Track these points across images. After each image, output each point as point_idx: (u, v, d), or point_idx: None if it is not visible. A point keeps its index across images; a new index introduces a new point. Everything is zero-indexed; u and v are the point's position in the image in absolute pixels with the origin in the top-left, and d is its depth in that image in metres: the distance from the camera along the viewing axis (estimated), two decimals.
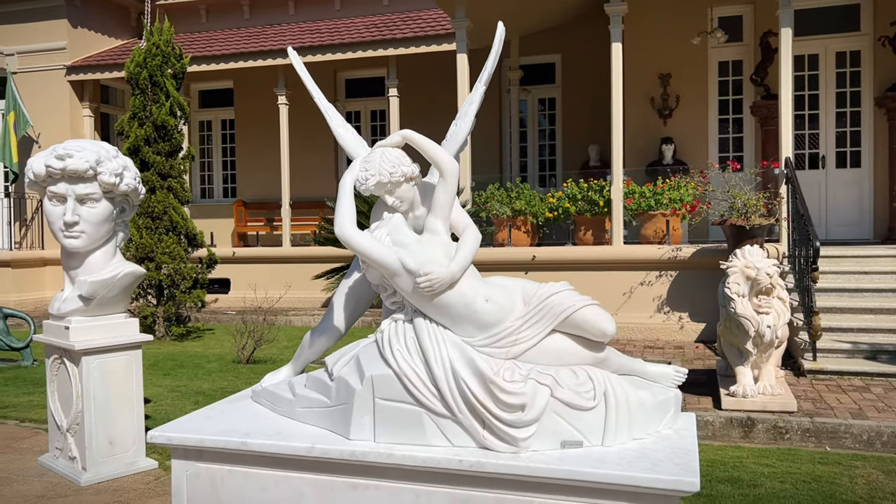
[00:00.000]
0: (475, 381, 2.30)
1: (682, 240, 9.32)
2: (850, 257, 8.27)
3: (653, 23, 10.98)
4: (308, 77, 3.03)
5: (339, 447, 2.39)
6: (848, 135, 10.59)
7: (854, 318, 7.33)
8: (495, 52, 2.71)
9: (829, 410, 5.64)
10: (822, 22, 10.61)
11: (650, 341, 8.72)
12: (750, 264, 5.65)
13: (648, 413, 2.41)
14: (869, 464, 4.81)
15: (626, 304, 9.03)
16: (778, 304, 5.69)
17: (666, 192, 9.15)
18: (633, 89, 11.28)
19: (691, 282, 8.62)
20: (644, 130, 11.24)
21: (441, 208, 2.47)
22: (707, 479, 4.46)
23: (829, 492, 4.25)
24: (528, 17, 11.27)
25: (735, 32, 10.93)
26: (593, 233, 9.56)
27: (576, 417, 2.31)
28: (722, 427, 5.54)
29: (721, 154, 11.02)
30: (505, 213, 9.68)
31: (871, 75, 10.40)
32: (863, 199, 10.49)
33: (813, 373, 6.68)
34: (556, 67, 13.69)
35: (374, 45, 12.47)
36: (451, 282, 2.36)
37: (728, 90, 11.11)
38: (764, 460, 4.88)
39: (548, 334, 2.40)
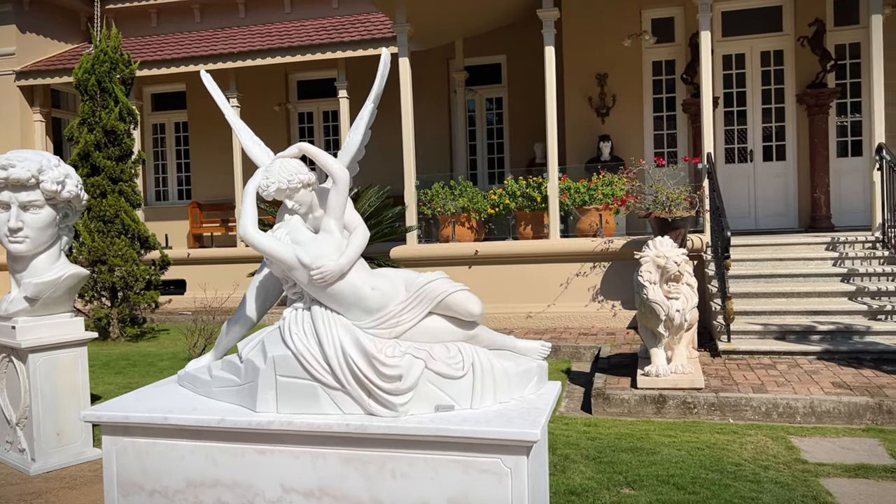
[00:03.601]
0: (361, 357, 2.69)
1: (615, 232, 9.83)
2: (770, 245, 8.84)
3: (589, 24, 11.47)
4: (220, 95, 3.38)
5: (247, 418, 2.77)
6: (773, 130, 11.20)
7: (767, 302, 7.89)
8: (381, 74, 3.09)
9: (735, 386, 6.14)
10: (747, 23, 11.20)
11: (585, 328, 9.21)
12: (660, 254, 6.10)
13: (512, 380, 2.83)
14: (761, 432, 5.32)
15: (564, 294, 9.50)
16: (686, 289, 6.17)
17: (600, 187, 9.65)
18: (572, 89, 11.77)
19: (623, 272, 9.11)
20: (583, 128, 11.73)
21: (334, 210, 2.85)
22: (612, 450, 4.92)
23: (718, 456, 4.74)
24: (470, 21, 11.69)
25: (667, 33, 11.47)
26: (533, 227, 10.02)
27: (448, 385, 2.72)
28: (637, 404, 6.01)
29: (656, 150, 11.56)
30: (449, 210, 10.09)
31: (793, 73, 11.02)
32: (788, 191, 11.11)
33: (727, 353, 7.20)
34: (502, 68, 14.15)
35: (323, 48, 12.79)
36: (341, 274, 2.75)
37: (662, 89, 11.65)
38: (669, 432, 5.36)
39: (425, 316, 2.80)
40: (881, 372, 6.33)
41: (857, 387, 5.89)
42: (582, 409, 6.28)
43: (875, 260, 8.19)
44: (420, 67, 12.16)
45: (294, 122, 15.05)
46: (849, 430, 5.33)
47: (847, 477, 4.34)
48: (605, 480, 4.33)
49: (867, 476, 4.34)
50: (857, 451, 4.82)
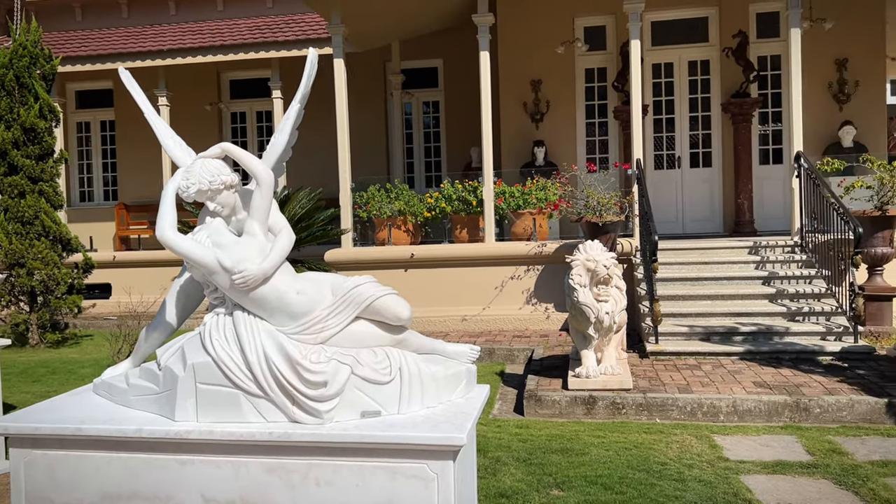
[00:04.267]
0: (284, 364, 2.64)
1: (548, 236, 9.96)
2: (696, 249, 9.10)
3: (523, 31, 11.61)
4: (139, 93, 3.27)
5: (165, 428, 2.67)
6: (700, 137, 11.57)
7: (694, 304, 8.13)
8: (308, 74, 3.04)
9: (662, 387, 6.29)
10: (675, 33, 11.54)
11: (519, 331, 9.30)
12: (590, 257, 6.20)
13: (441, 385, 2.82)
14: (687, 431, 5.47)
15: (498, 297, 9.57)
16: (615, 292, 6.29)
17: (534, 192, 9.76)
18: (507, 94, 11.89)
19: (556, 275, 9.23)
20: (519, 133, 11.86)
21: (258, 213, 2.78)
22: (543, 452, 4.97)
23: (644, 456, 4.84)
24: (406, 24, 11.68)
25: (599, 41, 11.71)
26: (468, 231, 10.07)
27: (374, 391, 2.69)
28: (568, 405, 6.09)
29: (589, 155, 11.78)
30: (385, 213, 10.04)
31: (718, 83, 11.40)
32: (713, 196, 11.49)
33: (655, 354, 7.38)
34: (439, 72, 14.19)
35: (256, 47, 12.56)
36: (264, 278, 2.68)
37: (594, 96, 11.88)
38: (598, 433, 5.45)
39: (352, 321, 2.76)
40: (799, 371, 6.59)
41: (776, 386, 6.11)
42: (515, 411, 6.32)
43: (794, 263, 8.54)
44: (356, 69, 12.08)
45: (226, 122, 14.73)
46: (768, 427, 5.52)
47: (766, 474, 4.50)
48: (535, 482, 4.37)
49: (784, 472, 4.50)
50: (775, 448, 4.99)
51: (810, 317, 7.78)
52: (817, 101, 10.88)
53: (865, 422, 5.57)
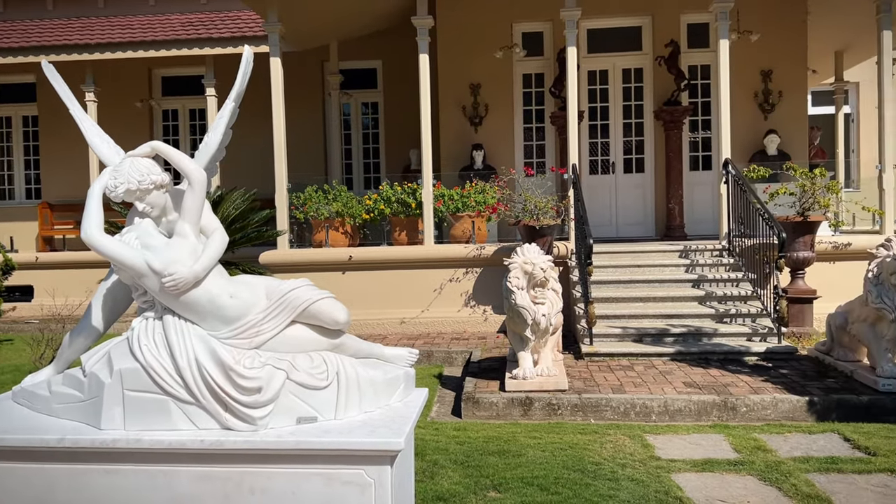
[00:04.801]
0: (217, 369, 2.57)
1: (487, 239, 10.03)
2: (629, 252, 9.31)
3: (462, 35, 11.66)
4: (64, 87, 3.14)
5: (90, 437, 2.57)
6: (633, 143, 11.85)
7: (627, 306, 8.31)
8: (243, 72, 2.98)
9: (596, 387, 6.41)
10: (610, 41, 11.79)
11: (458, 333, 9.33)
12: (528, 260, 6.27)
13: (379, 389, 2.80)
14: (620, 431, 5.57)
15: (437, 299, 9.58)
16: (552, 294, 6.37)
17: (472, 195, 9.81)
18: (447, 97, 11.93)
19: (494, 277, 9.30)
20: (458, 137, 11.90)
21: (189, 213, 2.70)
22: (480, 454, 4.99)
23: (579, 456, 4.91)
24: (345, 24, 11.58)
25: (537, 47, 11.87)
26: (407, 233, 10.05)
27: (310, 396, 2.65)
28: (505, 407, 6.14)
29: (526, 160, 11.92)
30: (322, 214, 9.93)
31: (651, 91, 11.70)
32: (646, 201, 11.78)
33: (589, 355, 7.52)
34: (378, 73, 14.13)
35: (189, 43, 12.26)
36: (195, 281, 2.61)
37: (532, 101, 12.03)
38: (534, 434, 5.50)
39: (288, 325, 2.71)
40: (727, 371, 6.81)
41: (705, 386, 6.30)
42: (452, 413, 6.33)
43: (722, 267, 8.83)
44: (293, 68, 11.91)
45: (157, 120, 14.31)
46: (698, 426, 5.68)
47: (695, 472, 4.63)
48: (472, 485, 4.38)
49: (713, 470, 4.64)
50: (704, 447, 5.14)
51: (737, 318, 8.06)
52: (744, 110, 11.29)
53: (788, 419, 5.79)
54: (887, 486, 4.30)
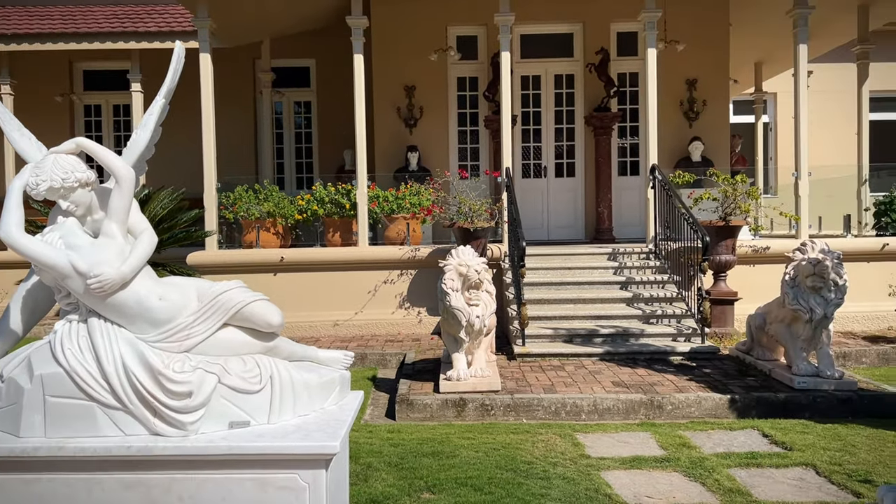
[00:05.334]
0: (145, 374, 2.49)
1: (422, 241, 10.04)
2: (560, 255, 9.48)
3: (397, 36, 11.66)
4: None
5: (9, 445, 2.45)
6: (565, 148, 12.08)
7: (558, 308, 8.46)
8: (174, 69, 2.90)
9: (528, 388, 6.50)
10: (543, 47, 11.99)
11: (392, 335, 9.31)
12: (462, 262, 6.31)
13: (313, 392, 2.77)
14: (551, 430, 5.67)
15: (371, 301, 9.53)
16: (486, 296, 6.44)
17: (407, 196, 9.81)
18: (381, 98, 11.89)
19: (429, 279, 9.32)
20: (392, 138, 11.88)
21: (116, 213, 2.62)
22: (414, 456, 4.99)
23: (512, 456, 4.97)
24: (277, 21, 11.41)
25: (471, 51, 11.96)
26: (341, 234, 9.96)
27: (243, 400, 2.60)
28: (439, 408, 6.16)
29: (461, 163, 12.00)
30: (253, 214, 9.75)
31: (582, 97, 11.95)
32: (577, 205, 12.03)
33: (522, 356, 7.62)
34: (311, 72, 13.97)
35: (114, 36, 11.84)
36: (122, 282, 2.52)
37: (466, 104, 12.11)
38: (468, 434, 5.54)
39: (220, 328, 2.65)
40: (653, 371, 7.02)
41: (633, 385, 6.48)
42: (387, 415, 6.31)
43: (649, 269, 9.09)
44: (224, 65, 11.65)
45: (79, 115, 13.77)
46: (626, 425, 5.84)
47: (624, 469, 4.75)
48: (406, 487, 4.38)
49: (640, 467, 4.78)
50: (632, 445, 5.29)
51: (663, 319, 8.31)
52: (670, 117, 11.66)
53: (711, 417, 6.01)
54: (802, 479, 4.52)
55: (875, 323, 9.32)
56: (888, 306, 9.07)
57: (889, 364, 7.89)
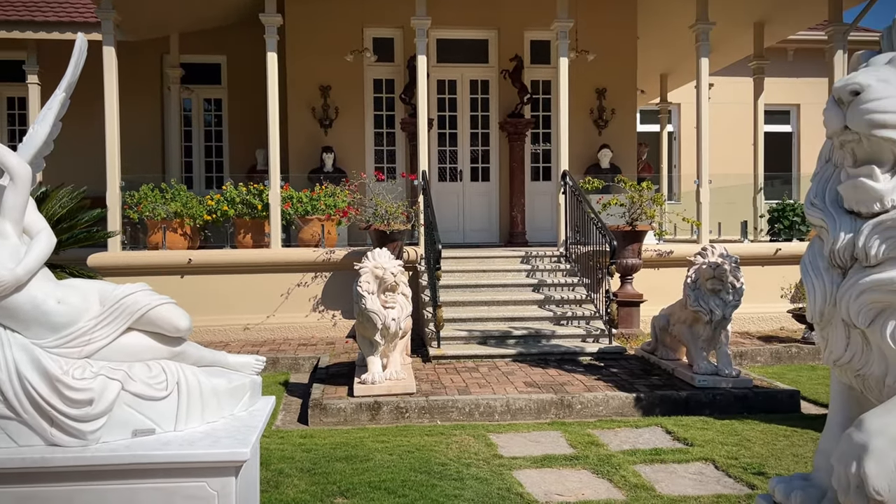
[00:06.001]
0: (41, 381, 2.36)
1: (337, 243, 9.94)
2: (475, 258, 9.59)
3: (313, 35, 11.52)
4: None
5: None
6: (480, 153, 12.23)
7: (472, 310, 8.56)
8: (75, 62, 2.77)
9: (443, 389, 6.54)
10: (459, 52, 12.10)
11: (305, 339, 9.17)
12: (378, 265, 6.29)
13: (222, 398, 2.70)
14: (465, 431, 5.72)
15: (284, 304, 9.36)
16: (402, 299, 6.44)
17: (322, 198, 9.69)
18: (297, 98, 11.71)
19: (344, 282, 9.23)
20: (307, 138, 11.72)
21: (11, 212, 2.47)
22: (327, 460, 4.94)
23: (426, 458, 4.99)
24: (187, 15, 11.07)
25: (388, 53, 11.95)
26: (253, 236, 9.74)
27: (148, 407, 2.51)
28: (353, 412, 6.11)
29: (377, 164, 11.96)
30: (159, 214, 9.40)
31: (497, 102, 12.14)
32: (491, 209, 12.20)
33: (437, 358, 7.66)
34: (222, 69, 13.62)
35: (9, 25, 11.20)
36: (17, 285, 2.39)
37: (382, 106, 12.09)
38: (382, 438, 5.53)
39: (123, 332, 2.55)
40: (563, 371, 7.20)
41: (544, 385, 6.62)
42: (299, 421, 6.21)
43: (559, 272, 9.32)
44: (130, 59, 11.19)
45: None
46: (537, 424, 5.96)
47: (535, 468, 4.85)
48: (318, 492, 4.33)
49: (551, 465, 4.89)
50: (543, 444, 5.41)
51: (573, 321, 8.54)
52: (581, 125, 12.00)
53: (618, 415, 6.22)
54: (702, 473, 4.74)
55: (769, 323, 9.88)
56: (781, 308, 9.63)
57: (781, 362, 8.38)
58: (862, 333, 2.16)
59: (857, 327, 2.15)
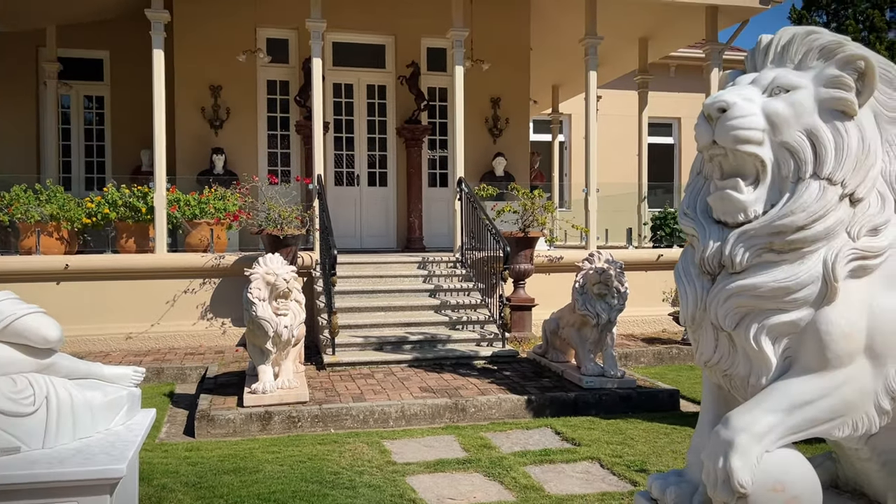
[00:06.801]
0: None
1: (227, 248, 9.64)
2: (372, 263, 9.54)
3: (203, 33, 11.15)
4: None
5: None
6: (377, 158, 12.20)
7: (369, 316, 8.51)
8: None
9: (337, 397, 6.46)
10: (356, 56, 12.04)
11: (193, 348, 8.83)
12: (270, 271, 6.15)
13: (97, 412, 2.55)
14: (359, 439, 5.67)
15: (170, 312, 8.98)
16: (295, 306, 6.31)
17: (212, 201, 9.37)
18: (185, 97, 11.30)
19: (235, 288, 8.96)
20: (196, 139, 11.32)
21: None
22: (214, 473, 4.76)
23: (318, 467, 4.91)
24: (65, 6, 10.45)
25: (282, 55, 11.73)
26: (136, 240, 9.30)
27: (13, 425, 2.34)
28: (243, 423, 5.93)
29: (271, 167, 11.70)
30: (33, 217, 8.81)
31: (394, 108, 12.16)
32: (389, 214, 12.19)
33: (332, 366, 7.56)
34: (105, 65, 12.95)
35: None
36: None
37: (276, 108, 11.85)
38: (273, 448, 5.39)
39: None
40: (458, 375, 7.28)
41: (439, 390, 6.67)
42: (185, 433, 5.97)
43: (455, 277, 9.42)
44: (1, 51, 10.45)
45: None
46: (432, 429, 5.99)
47: (428, 473, 4.87)
48: None
49: (444, 470, 4.92)
50: (437, 448, 5.44)
51: (468, 325, 8.65)
52: (477, 132, 12.20)
53: (510, 417, 6.34)
54: (588, 472, 4.90)
55: (652, 326, 10.36)
56: (663, 311, 10.13)
57: (663, 363, 8.81)
58: (729, 336, 2.30)
59: (724, 330, 2.29)
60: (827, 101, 2.21)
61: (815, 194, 2.16)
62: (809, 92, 2.24)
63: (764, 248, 2.20)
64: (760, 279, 2.19)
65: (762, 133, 2.21)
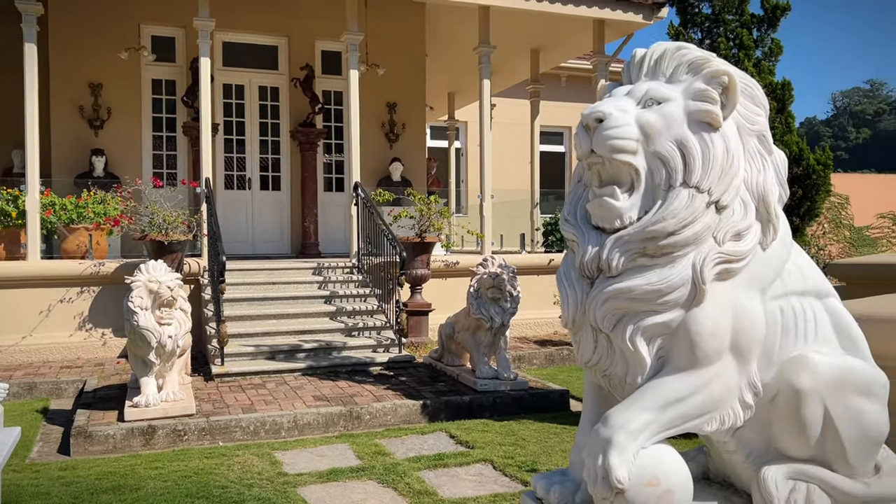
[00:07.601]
0: None
1: (108, 255, 9.15)
2: (265, 270, 9.31)
3: (81, 29, 10.57)
4: None
5: None
6: (270, 161, 11.92)
7: (260, 324, 8.28)
8: None
9: (226, 409, 6.24)
10: (247, 56, 11.74)
11: (69, 361, 8.31)
12: (153, 278, 5.87)
13: None
14: (249, 451, 5.50)
15: (44, 323, 8.42)
16: (180, 314, 6.05)
17: (90, 205, 8.87)
18: (60, 96, 10.66)
19: (116, 297, 8.50)
20: (74, 140, 10.70)
21: None
22: (91, 493, 4.50)
23: (205, 482, 4.72)
24: None
25: (168, 53, 11.27)
26: (6, 247, 8.68)
27: None
28: (123, 438, 5.62)
29: (156, 170, 11.20)
30: None
31: (287, 111, 11.93)
32: (283, 219, 11.94)
33: (220, 376, 7.30)
34: None
35: None
36: None
37: (162, 108, 11.36)
38: (156, 464, 5.14)
39: None
40: (353, 382, 7.20)
41: (333, 398, 6.57)
42: (60, 451, 5.60)
43: (352, 283, 9.33)
44: None
45: None
46: (325, 438, 5.89)
47: (321, 483, 4.78)
48: None
49: (337, 479, 4.84)
50: (330, 457, 5.35)
51: (364, 332, 8.58)
52: (373, 137, 12.16)
53: (406, 423, 6.32)
54: (481, 475, 4.96)
55: (544, 328, 10.64)
56: (554, 313, 10.41)
57: (554, 364, 9.05)
58: (607, 337, 2.38)
59: (602, 332, 2.37)
60: (695, 113, 2.33)
61: (684, 201, 2.26)
62: (679, 104, 2.35)
63: (638, 252, 2.30)
64: (635, 282, 2.28)
65: (636, 143, 2.31)
